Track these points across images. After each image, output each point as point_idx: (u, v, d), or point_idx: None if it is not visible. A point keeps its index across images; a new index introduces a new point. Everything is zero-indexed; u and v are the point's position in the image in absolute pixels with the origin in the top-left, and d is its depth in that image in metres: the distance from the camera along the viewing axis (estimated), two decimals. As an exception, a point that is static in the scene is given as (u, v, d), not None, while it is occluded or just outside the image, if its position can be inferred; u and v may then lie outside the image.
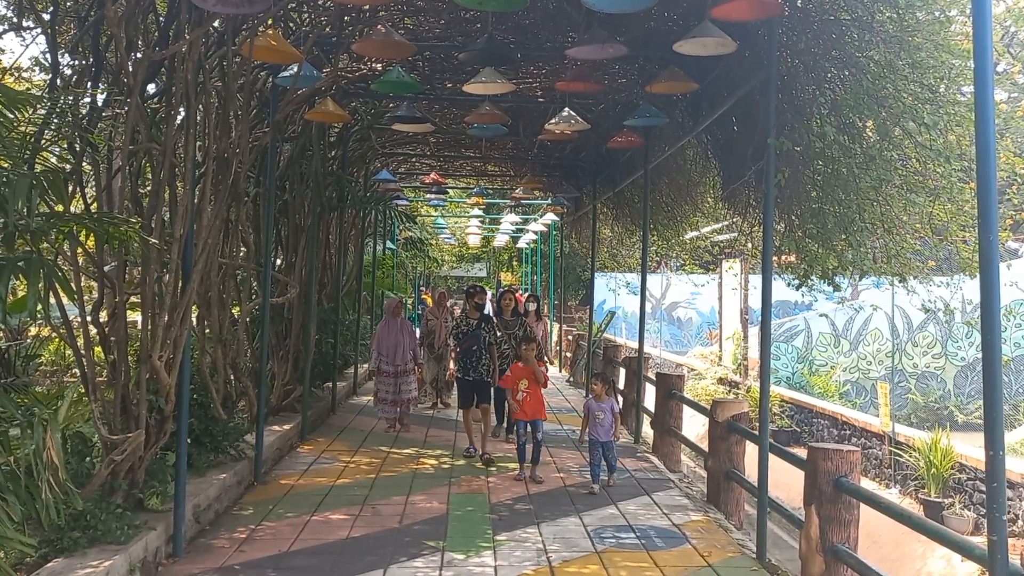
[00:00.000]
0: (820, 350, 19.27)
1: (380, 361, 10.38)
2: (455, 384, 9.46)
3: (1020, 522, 8.91)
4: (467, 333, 9.02)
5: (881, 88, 5.84)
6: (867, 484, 10.68)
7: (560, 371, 18.71)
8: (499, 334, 9.36)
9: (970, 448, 10.41)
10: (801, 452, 5.92)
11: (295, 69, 6.89)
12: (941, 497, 10.30)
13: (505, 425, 9.86)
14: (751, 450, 6.78)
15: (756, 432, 6.42)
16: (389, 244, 20.70)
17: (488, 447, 8.85)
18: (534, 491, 7.51)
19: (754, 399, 12.58)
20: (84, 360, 5.29)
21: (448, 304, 12.86)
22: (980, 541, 5.75)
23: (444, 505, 7.00)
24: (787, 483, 8.27)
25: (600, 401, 7.71)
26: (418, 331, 12.31)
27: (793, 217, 7.09)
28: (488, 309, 11.82)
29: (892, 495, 11.10)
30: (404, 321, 10.68)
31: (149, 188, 6.10)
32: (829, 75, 6.43)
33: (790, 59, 6.67)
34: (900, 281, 7.03)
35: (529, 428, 7.97)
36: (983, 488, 9.69)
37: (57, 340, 8.36)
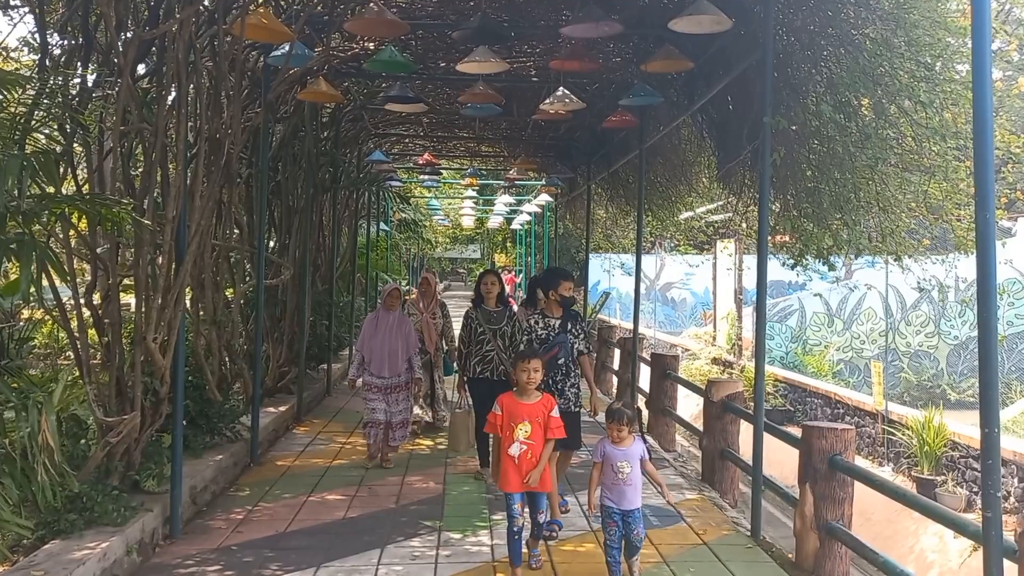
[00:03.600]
0: (814, 330, 19.32)
1: (363, 371, 7.57)
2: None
3: (1012, 499, 8.98)
4: (547, 339, 6.06)
5: (877, 66, 5.81)
6: (860, 462, 10.75)
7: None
8: (483, 330, 6.94)
9: (963, 426, 10.47)
10: (795, 431, 5.95)
11: (287, 48, 6.82)
12: (934, 475, 10.36)
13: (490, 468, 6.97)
14: (745, 429, 6.81)
15: (750, 411, 6.45)
16: (383, 225, 20.65)
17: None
18: (530, 471, 7.53)
19: (748, 379, 12.62)
20: (78, 342, 5.27)
21: (438, 291, 10.12)
22: (973, 518, 5.81)
23: (440, 485, 7.02)
24: (781, 462, 8.32)
25: (621, 446, 4.83)
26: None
27: (788, 196, 7.08)
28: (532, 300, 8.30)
29: (885, 473, 11.17)
30: (401, 317, 7.77)
31: (141, 169, 6.06)
32: (825, 53, 6.40)
33: (786, 37, 6.63)
34: (895, 260, 7.03)
35: (524, 504, 4.96)
36: (976, 466, 9.75)
37: (50, 323, 8.34)
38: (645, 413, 9.39)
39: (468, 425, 7.20)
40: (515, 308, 7.75)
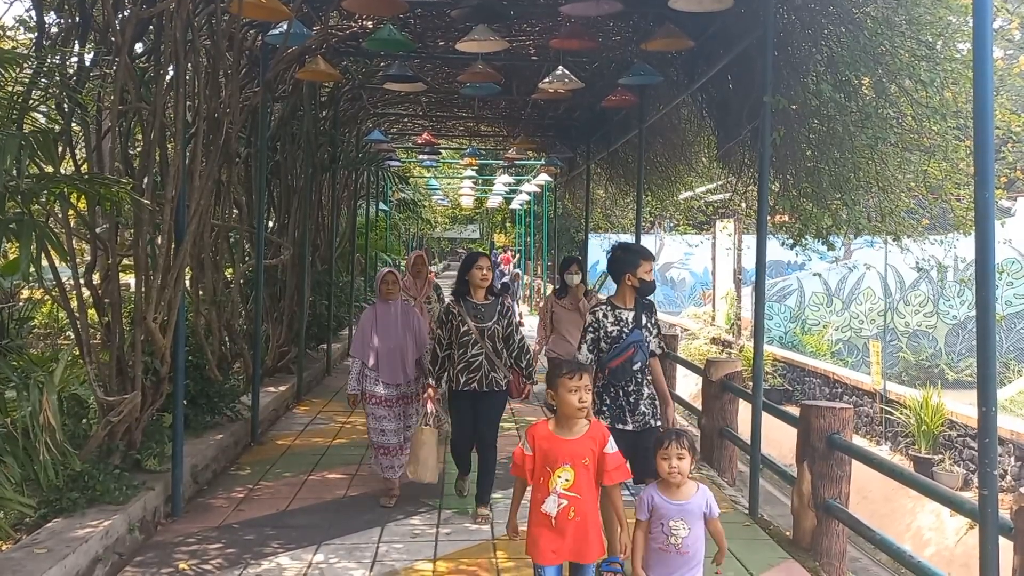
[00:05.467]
0: (813, 309, 19.34)
1: (367, 379, 6.02)
2: None
3: (1009, 477, 9.04)
4: (619, 338, 4.74)
5: (878, 45, 5.79)
6: (858, 441, 10.81)
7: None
8: (467, 328, 5.55)
9: (960, 405, 10.52)
10: (793, 410, 5.97)
11: (285, 27, 6.78)
12: (931, 454, 10.42)
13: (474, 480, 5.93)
14: (744, 409, 6.84)
15: (749, 391, 6.47)
16: (382, 205, 20.62)
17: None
18: (529, 450, 7.54)
19: (747, 358, 12.65)
20: (78, 322, 5.28)
21: (431, 274, 8.63)
22: (970, 496, 5.84)
23: (440, 464, 7.04)
24: (779, 441, 8.35)
25: (676, 498, 3.56)
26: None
27: (788, 176, 7.07)
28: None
29: (883, 452, 11.23)
30: (406, 307, 6.23)
31: (139, 149, 6.04)
32: (826, 31, 6.36)
33: (786, 15, 6.59)
34: (894, 240, 7.03)
35: None
36: (973, 445, 9.80)
37: (50, 302, 8.35)
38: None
39: (435, 445, 5.74)
40: (511, 296, 7.10)
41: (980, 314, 3.48)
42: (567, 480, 3.48)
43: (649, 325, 4.84)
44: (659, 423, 4.75)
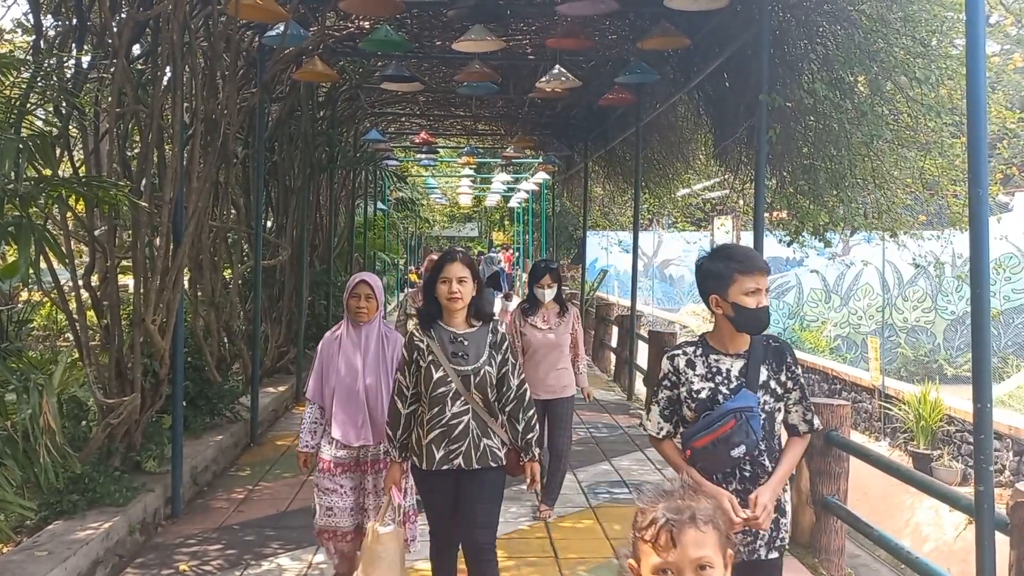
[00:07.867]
0: (811, 306, 19.38)
1: (324, 435, 4.29)
2: None
3: (1007, 472, 9.06)
4: (712, 402, 2.82)
5: (873, 42, 5.80)
6: (857, 437, 10.83)
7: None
8: (443, 375, 3.53)
9: (959, 401, 10.54)
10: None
11: (282, 28, 6.79)
12: (930, 449, 10.44)
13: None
14: (743, 405, 6.84)
15: (748, 388, 6.48)
16: (380, 205, 20.63)
17: None
18: (528, 448, 7.56)
19: (746, 355, 12.66)
20: (77, 325, 5.29)
21: None
22: (967, 492, 5.86)
23: None
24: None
25: None
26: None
27: (785, 173, 7.09)
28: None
29: (882, 448, 11.25)
30: (386, 333, 4.34)
31: (137, 151, 6.05)
32: (821, 29, 6.38)
33: (782, 13, 6.60)
34: (891, 236, 7.05)
35: None
36: (971, 440, 9.82)
37: (49, 305, 8.35)
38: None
39: (398, 556, 3.67)
40: (507, 316, 5.09)
41: (975, 310, 3.49)
42: None
43: (776, 384, 2.88)
44: (777, 554, 2.87)
